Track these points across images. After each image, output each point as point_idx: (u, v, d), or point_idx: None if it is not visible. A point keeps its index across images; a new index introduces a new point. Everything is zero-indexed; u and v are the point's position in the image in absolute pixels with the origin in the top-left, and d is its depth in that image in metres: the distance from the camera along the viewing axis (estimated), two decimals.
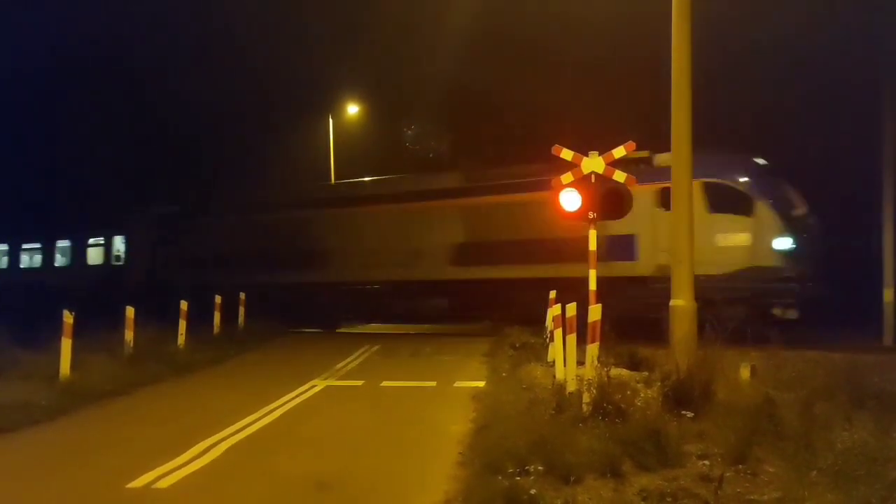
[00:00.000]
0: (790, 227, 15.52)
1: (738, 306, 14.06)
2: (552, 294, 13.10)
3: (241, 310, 18.55)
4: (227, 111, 32.49)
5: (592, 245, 10.24)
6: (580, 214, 10.25)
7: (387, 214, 20.86)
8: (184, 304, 15.47)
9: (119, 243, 26.81)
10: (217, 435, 8.36)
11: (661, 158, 15.49)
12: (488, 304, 18.85)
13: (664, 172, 11.18)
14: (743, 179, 16.15)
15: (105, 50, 30.90)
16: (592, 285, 10.03)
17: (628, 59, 23.69)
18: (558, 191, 10.27)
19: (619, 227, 13.94)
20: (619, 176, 10.14)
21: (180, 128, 31.83)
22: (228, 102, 32.12)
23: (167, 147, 33.55)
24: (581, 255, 10.63)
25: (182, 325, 15.18)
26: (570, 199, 10.19)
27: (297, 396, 10.85)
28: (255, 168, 31.50)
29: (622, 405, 7.80)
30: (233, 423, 8.91)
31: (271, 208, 23.01)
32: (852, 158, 20.15)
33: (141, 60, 31.53)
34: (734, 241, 15.57)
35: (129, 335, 13.45)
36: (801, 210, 16.14)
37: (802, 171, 18.89)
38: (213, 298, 17.46)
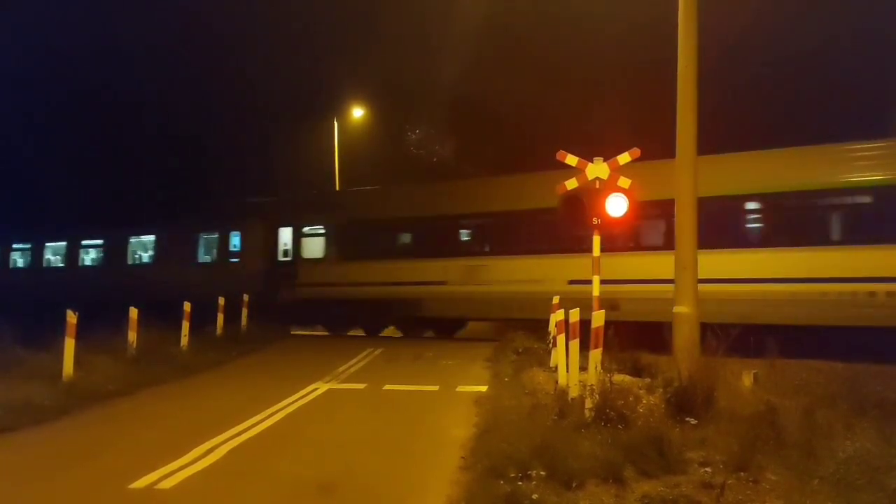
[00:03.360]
0: None
1: None
2: (555, 299, 13.11)
3: (245, 311, 18.58)
4: (230, 115, 32.53)
5: (596, 251, 10.26)
6: (584, 220, 10.26)
7: None
8: (187, 306, 15.50)
9: None
10: (220, 436, 8.37)
11: None
12: None
13: None
14: None
15: (102, 51, 30.91)
16: (596, 291, 10.05)
17: (634, 65, 23.74)
18: (563, 196, 10.29)
19: None
20: (624, 182, 10.17)
21: (180, 132, 31.75)
22: (231, 107, 32.16)
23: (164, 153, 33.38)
24: None
25: (185, 326, 15.20)
26: (574, 205, 10.20)
27: (299, 399, 10.86)
28: (258, 172, 31.56)
29: (624, 411, 7.82)
30: (235, 425, 8.92)
31: None
32: None
33: (140, 63, 31.60)
34: None
35: (132, 336, 13.48)
36: None
37: None
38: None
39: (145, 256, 26.01)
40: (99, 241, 27.27)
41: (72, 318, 11.31)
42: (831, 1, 23.34)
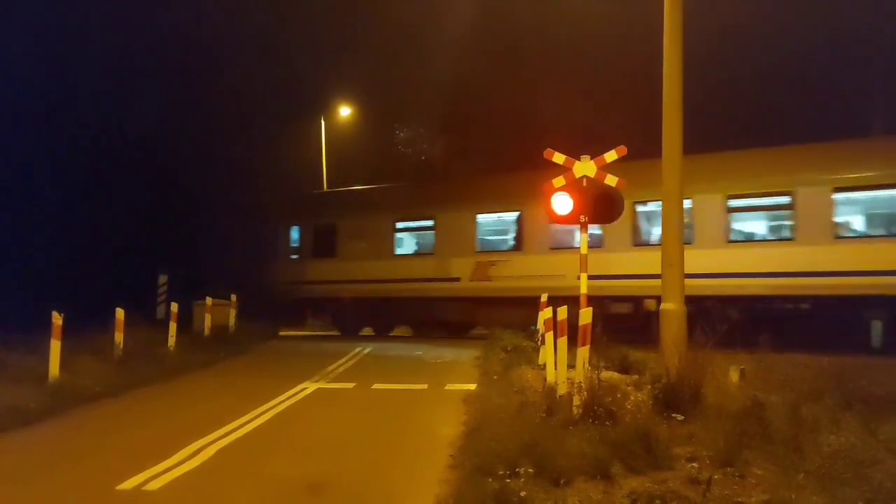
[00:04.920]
0: None
1: None
2: (543, 297, 13.14)
3: (232, 312, 18.53)
4: (216, 112, 32.24)
5: (584, 249, 10.29)
6: (571, 218, 10.30)
7: None
8: (174, 306, 15.45)
9: None
10: (207, 437, 8.34)
11: None
12: None
13: None
14: None
15: (88, 50, 30.51)
16: (583, 289, 10.08)
17: (620, 64, 23.83)
18: (550, 194, 10.32)
19: None
20: (611, 180, 10.21)
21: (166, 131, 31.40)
22: (216, 104, 31.87)
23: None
24: None
25: (172, 327, 15.14)
26: (562, 203, 10.23)
27: (287, 399, 10.83)
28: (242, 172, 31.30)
29: (612, 408, 7.84)
30: (223, 426, 8.89)
31: None
32: None
33: (128, 61, 31.24)
34: None
35: (118, 337, 13.40)
36: None
37: None
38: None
39: None
40: None
41: (57, 319, 11.24)
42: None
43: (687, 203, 14.60)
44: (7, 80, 27.69)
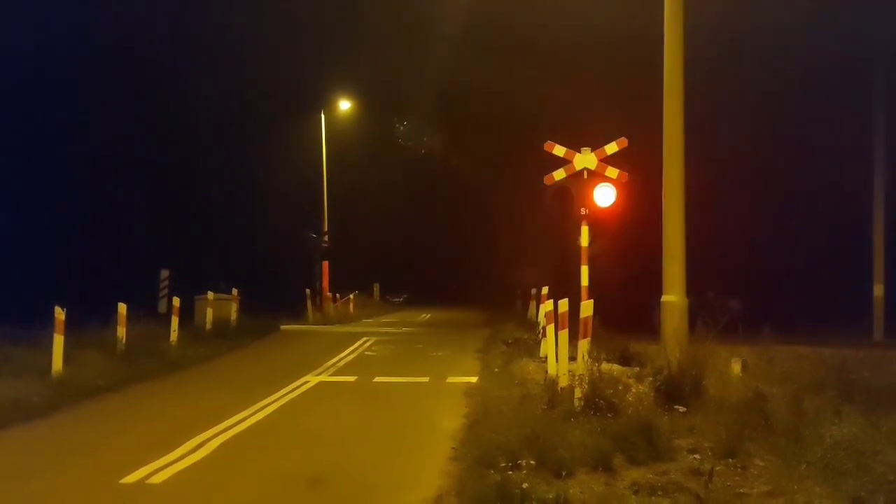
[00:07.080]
0: None
1: None
2: (545, 290, 13.16)
3: (234, 306, 18.55)
4: (215, 107, 32.20)
5: (584, 241, 10.28)
6: (571, 211, 10.29)
7: None
8: (176, 301, 15.47)
9: None
10: (210, 431, 8.35)
11: None
12: None
13: None
14: None
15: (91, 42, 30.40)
16: (584, 281, 10.09)
17: (622, 55, 23.75)
18: (550, 187, 10.32)
19: None
20: (612, 172, 10.19)
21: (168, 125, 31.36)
22: (216, 98, 31.82)
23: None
24: None
25: (174, 321, 15.16)
26: (562, 196, 10.23)
27: (289, 392, 10.85)
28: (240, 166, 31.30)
29: (614, 400, 7.87)
30: (225, 420, 8.90)
31: None
32: (845, 159, 20.44)
33: (126, 54, 31.16)
34: None
35: (121, 331, 13.40)
36: None
37: (797, 171, 19.22)
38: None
39: None
40: None
41: (59, 314, 11.24)
42: None
43: None
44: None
